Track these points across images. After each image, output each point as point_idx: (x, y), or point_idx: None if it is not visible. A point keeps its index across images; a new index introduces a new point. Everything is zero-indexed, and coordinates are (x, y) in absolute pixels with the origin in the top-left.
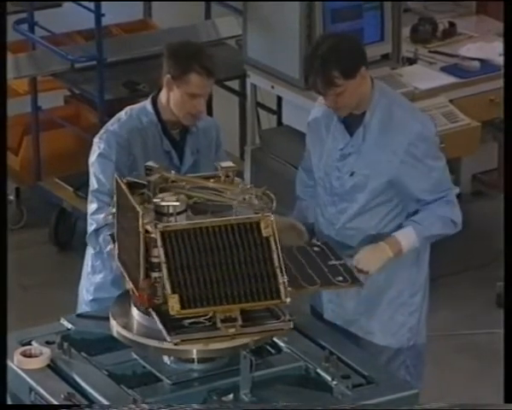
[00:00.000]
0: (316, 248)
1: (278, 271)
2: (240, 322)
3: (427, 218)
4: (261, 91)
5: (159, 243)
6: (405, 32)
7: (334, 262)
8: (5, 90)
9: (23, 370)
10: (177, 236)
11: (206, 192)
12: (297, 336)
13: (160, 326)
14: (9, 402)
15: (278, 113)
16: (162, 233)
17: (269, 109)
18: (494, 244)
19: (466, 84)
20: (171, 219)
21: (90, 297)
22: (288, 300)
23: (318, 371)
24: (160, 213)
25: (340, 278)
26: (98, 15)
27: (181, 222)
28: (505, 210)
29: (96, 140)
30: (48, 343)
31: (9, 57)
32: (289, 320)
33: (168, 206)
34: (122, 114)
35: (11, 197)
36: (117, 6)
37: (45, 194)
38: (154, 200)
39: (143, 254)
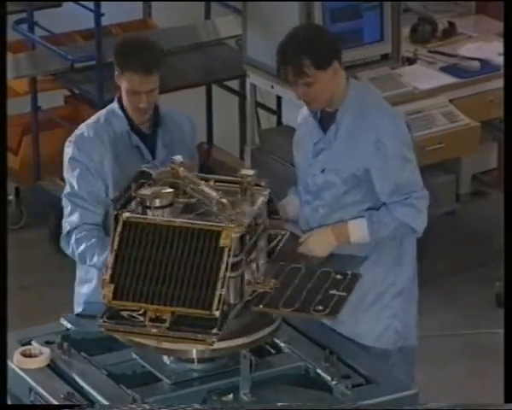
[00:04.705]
0: (338, 276)
1: (220, 282)
2: (167, 324)
3: (383, 217)
4: (261, 91)
5: (118, 230)
6: (405, 31)
7: (334, 292)
8: (5, 90)
9: (23, 370)
10: (137, 228)
11: (200, 193)
12: (297, 336)
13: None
14: (9, 402)
15: (278, 112)
16: (124, 223)
17: (268, 109)
18: (494, 244)
19: (465, 84)
20: (158, 212)
21: (79, 309)
22: (218, 313)
23: (318, 371)
24: (142, 205)
25: (320, 307)
26: (98, 15)
27: (143, 216)
28: (505, 210)
29: (65, 145)
30: (47, 343)
31: (9, 57)
32: (214, 334)
33: (144, 198)
34: (90, 119)
35: (11, 197)
36: (116, 6)
37: (45, 194)
38: (139, 191)
39: (111, 242)
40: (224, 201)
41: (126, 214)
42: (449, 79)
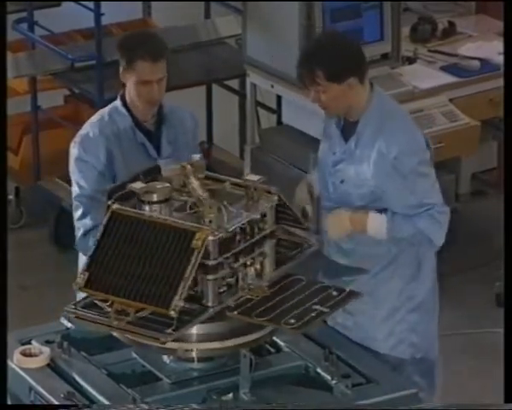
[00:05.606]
0: (334, 292)
1: (182, 283)
2: (129, 318)
3: (404, 223)
4: (261, 91)
5: (104, 221)
6: (405, 31)
7: (318, 307)
8: (5, 90)
9: (23, 369)
10: (121, 221)
11: (197, 194)
12: (297, 336)
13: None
14: (9, 402)
15: (278, 112)
16: (111, 214)
17: (268, 108)
18: (494, 244)
19: (465, 84)
20: (155, 207)
21: None
22: (173, 313)
23: (318, 370)
24: (138, 200)
25: (292, 321)
26: (98, 15)
27: (130, 209)
28: (505, 210)
29: (71, 146)
30: (47, 343)
31: (9, 56)
32: (168, 334)
33: (137, 192)
34: (93, 118)
35: (11, 197)
36: (116, 5)
37: (45, 193)
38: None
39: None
40: (205, 202)
41: (115, 206)
42: (449, 79)
